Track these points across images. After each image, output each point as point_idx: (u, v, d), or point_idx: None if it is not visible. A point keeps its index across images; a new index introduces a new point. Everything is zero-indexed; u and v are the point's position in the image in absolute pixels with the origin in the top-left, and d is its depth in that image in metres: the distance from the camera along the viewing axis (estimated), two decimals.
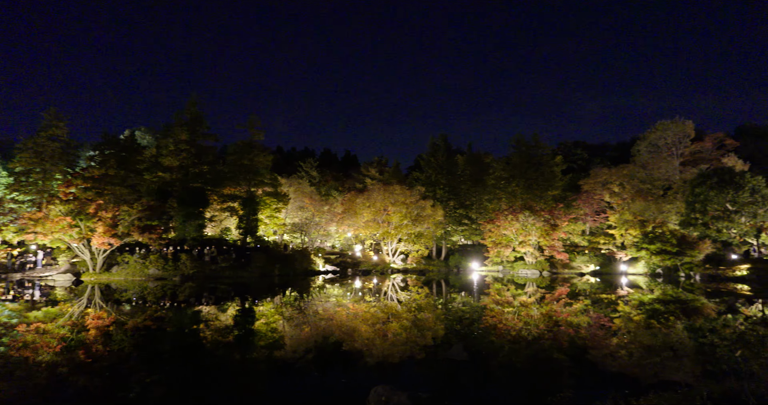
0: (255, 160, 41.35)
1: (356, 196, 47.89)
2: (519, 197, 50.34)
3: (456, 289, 28.91)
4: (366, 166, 67.66)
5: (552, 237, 43.30)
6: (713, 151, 52.99)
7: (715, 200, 38.73)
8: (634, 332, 13.39)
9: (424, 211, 45.84)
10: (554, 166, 53.80)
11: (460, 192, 55.16)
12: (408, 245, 46.67)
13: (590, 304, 20.53)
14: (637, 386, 7.04)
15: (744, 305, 20.62)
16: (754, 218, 38.14)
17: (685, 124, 52.31)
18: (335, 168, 77.82)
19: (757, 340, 12.07)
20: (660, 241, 39.86)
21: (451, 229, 53.99)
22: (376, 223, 45.22)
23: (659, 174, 50.50)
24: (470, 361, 9.80)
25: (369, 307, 18.42)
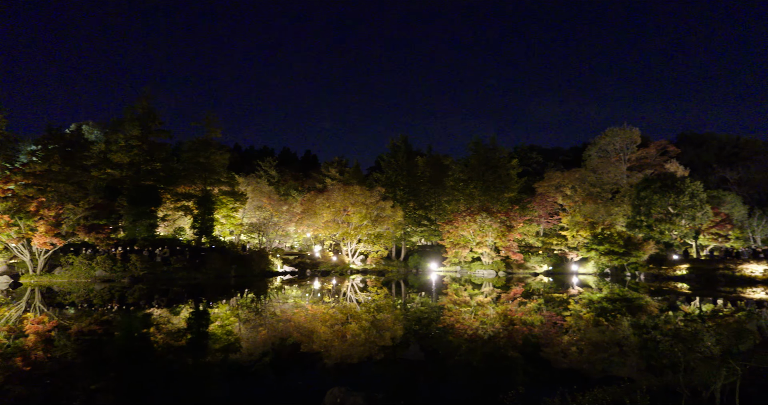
0: (211, 158, 40.20)
1: (316, 196, 47.48)
2: (477, 199, 51.41)
3: (415, 289, 29.16)
4: (326, 166, 67.26)
5: (508, 238, 44.47)
6: (657, 157, 55.98)
7: (658, 204, 40.96)
8: (584, 330, 13.93)
9: (384, 212, 46.01)
10: (510, 169, 55.26)
11: (420, 193, 55.76)
12: (368, 246, 46.68)
13: (543, 303, 21.21)
14: (585, 381, 7.32)
15: (683, 303, 21.90)
16: (693, 221, 40.60)
17: (632, 131, 55.00)
18: (295, 167, 76.90)
19: (692, 336, 12.83)
20: (608, 242, 41.75)
21: (410, 229, 54.44)
22: (336, 224, 44.97)
23: (608, 178, 52.85)
24: (427, 361, 9.90)
25: (328, 309, 18.28)
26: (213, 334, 12.95)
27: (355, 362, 9.79)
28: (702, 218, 40.66)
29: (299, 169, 75.78)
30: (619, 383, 4.20)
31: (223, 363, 9.79)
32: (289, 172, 69.39)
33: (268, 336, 12.74)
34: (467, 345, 11.50)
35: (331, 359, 9.87)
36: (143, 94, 39.61)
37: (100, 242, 30.01)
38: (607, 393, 3.93)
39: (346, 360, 9.90)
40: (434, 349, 11.15)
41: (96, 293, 23.31)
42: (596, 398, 3.79)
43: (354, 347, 11.16)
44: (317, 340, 11.98)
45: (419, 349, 10.93)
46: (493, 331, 13.27)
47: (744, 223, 46.30)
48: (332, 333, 12.93)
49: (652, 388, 4.14)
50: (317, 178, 66.03)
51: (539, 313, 17.29)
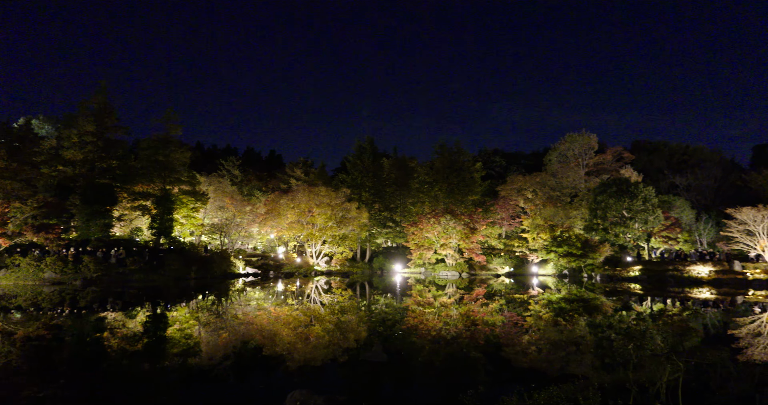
0: (171, 157, 39.01)
1: (280, 196, 46.86)
2: (441, 201, 52.09)
3: (379, 291, 29.22)
4: (291, 167, 66.48)
5: (471, 240, 45.26)
6: (613, 162, 58.26)
7: (614, 207, 42.66)
8: (543, 330, 14.34)
9: (349, 213, 45.90)
10: (474, 172, 56.27)
11: (385, 195, 56.00)
12: (332, 247, 46.43)
13: (505, 303, 21.69)
14: (543, 379, 7.55)
15: (635, 303, 22.88)
16: (646, 224, 42.50)
17: (590, 137, 57.04)
18: (259, 167, 75.69)
19: (642, 335, 13.43)
20: (567, 245, 43.14)
21: (375, 231, 54.54)
22: (301, 225, 44.51)
23: (567, 182, 54.60)
24: (390, 362, 9.94)
25: (291, 311, 18.07)
26: (171, 338, 12.57)
27: (318, 364, 9.73)
28: (654, 222, 42.63)
29: (263, 169, 74.61)
30: (573, 381, 4.37)
31: (182, 367, 9.52)
32: (253, 172, 68.22)
33: (229, 339, 12.48)
34: (431, 346, 11.62)
35: (293, 362, 9.77)
36: (99, 88, 38.04)
37: (49, 243, 28.59)
38: (562, 390, 4.08)
39: (310, 362, 9.82)
40: (398, 350, 11.21)
41: (45, 296, 22.18)
42: (551, 396, 3.93)
43: (317, 349, 11.09)
44: (280, 342, 11.83)
45: (383, 350, 10.97)
46: (456, 332, 13.46)
47: (692, 227, 48.85)
48: (295, 335, 12.79)
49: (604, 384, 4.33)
50: (282, 179, 65.18)
51: (501, 314, 17.67)
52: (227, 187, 46.90)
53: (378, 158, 59.91)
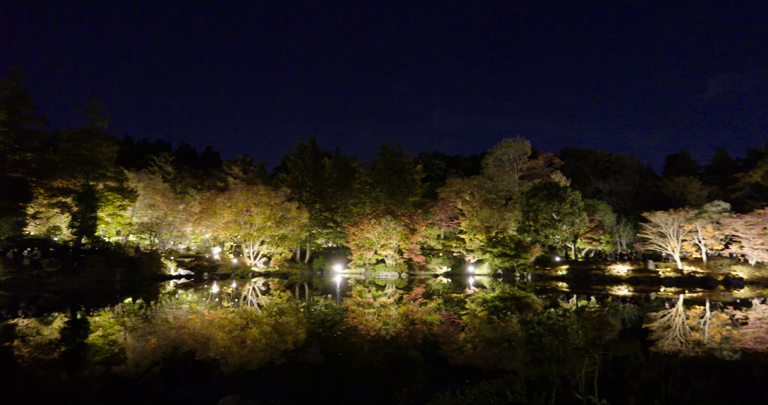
0: (96, 150, 36.42)
1: (216, 195, 45.20)
2: (382, 202, 52.55)
3: (319, 291, 28.96)
4: (229, 164, 64.31)
5: (411, 241, 46.01)
6: (544, 167, 61.48)
7: (544, 210, 45.03)
8: (478, 327, 14.86)
9: (289, 213, 45.15)
10: (415, 174, 57.28)
11: (327, 195, 55.65)
12: (271, 248, 45.44)
13: (442, 303, 22.24)
14: (476, 376, 7.83)
15: (563, 300, 24.27)
16: (573, 226, 45.22)
17: (524, 143, 59.85)
18: (194, 164, 72.61)
19: (566, 330, 14.29)
20: (501, 245, 45.00)
21: (315, 231, 54.03)
22: (238, 225, 43.19)
23: (503, 185, 56.94)
24: (327, 364, 9.90)
25: (226, 313, 17.49)
26: (92, 345, 11.76)
27: (253, 368, 9.50)
28: (580, 224, 45.45)
29: (199, 166, 71.66)
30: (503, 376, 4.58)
31: (105, 376, 8.93)
32: (188, 169, 65.36)
33: (157, 345, 11.87)
34: (369, 346, 11.69)
35: (228, 366, 9.47)
36: (12, 73, 34.78)
37: None
38: (492, 385, 4.27)
39: (245, 366, 9.57)
40: (336, 352, 11.18)
41: None
42: (482, 391, 4.11)
43: (253, 353, 10.82)
44: (214, 346, 11.42)
45: (321, 352, 10.89)
46: (394, 332, 13.63)
47: (613, 229, 52.57)
48: (230, 339, 12.40)
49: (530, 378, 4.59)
50: (219, 177, 62.90)
51: (438, 313, 18.11)
52: (159, 184, 44.57)
53: (319, 158, 59.44)
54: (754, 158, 64.46)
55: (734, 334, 13.80)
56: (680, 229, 40.77)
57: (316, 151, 58.65)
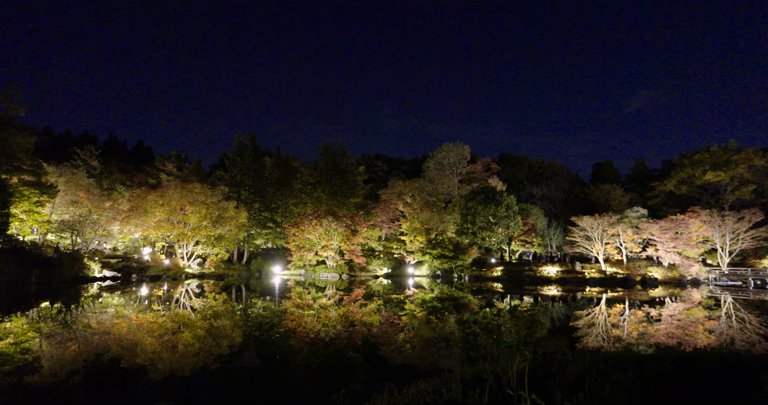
0: (10, 141, 33.39)
1: (148, 192, 42.82)
2: (324, 203, 52.16)
3: (257, 293, 28.23)
4: (162, 160, 61.17)
5: (352, 242, 45.97)
6: (483, 172, 63.77)
7: (482, 213, 46.64)
8: (417, 328, 15.11)
9: (227, 213, 43.67)
10: (357, 176, 57.36)
11: (267, 195, 54.39)
12: (207, 248, 43.71)
13: (382, 304, 22.40)
14: (414, 375, 7.96)
15: (498, 300, 25.24)
16: (508, 229, 47.16)
17: (463, 148, 61.77)
18: (124, 159, 68.39)
19: (500, 329, 14.89)
20: (440, 247, 46.06)
21: (254, 232, 52.65)
22: (171, 224, 41.16)
23: (443, 189, 58.40)
24: (265, 367, 9.68)
25: (156, 317, 16.60)
26: (2, 354, 10.75)
27: (185, 374, 9.09)
28: (514, 227, 47.49)
29: (129, 162, 67.57)
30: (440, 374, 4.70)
31: (16, 387, 8.20)
32: (116, 164, 61.45)
33: (79, 352, 11.05)
34: (308, 348, 11.55)
35: (157, 373, 9.00)
36: None
37: None
38: (428, 384, 4.37)
39: (176, 372, 9.13)
40: (273, 355, 10.94)
41: None
42: (419, 390, 4.19)
43: (185, 358, 10.36)
44: (142, 352, 10.81)
45: (257, 355, 10.63)
46: (334, 333, 13.56)
47: (545, 232, 55.42)
48: (160, 344, 11.79)
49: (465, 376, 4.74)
50: (151, 173, 59.65)
51: (378, 314, 18.22)
52: (83, 180, 41.57)
53: (260, 156, 58.01)
54: (669, 168, 70.44)
55: (649, 330, 14.99)
56: (604, 233, 43.70)
57: (256, 149, 57.18)
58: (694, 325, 16.04)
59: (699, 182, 59.90)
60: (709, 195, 59.91)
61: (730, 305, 23.25)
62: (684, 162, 63.18)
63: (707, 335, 13.88)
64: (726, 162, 57.98)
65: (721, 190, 58.59)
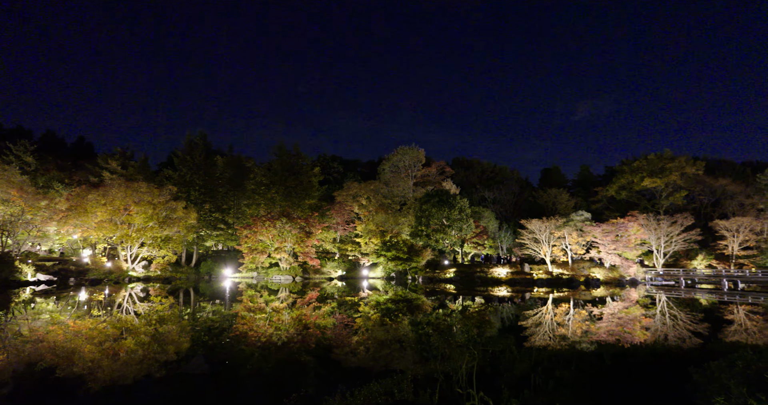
0: None
1: (89, 191, 40.55)
2: (278, 204, 51.29)
3: (206, 297, 27.35)
4: (105, 158, 58.07)
5: (306, 244, 45.45)
6: (437, 175, 64.78)
7: (436, 216, 47.36)
8: (371, 329, 15.14)
9: (175, 213, 42.08)
10: (312, 177, 56.81)
11: (218, 195, 52.83)
12: (153, 250, 41.92)
13: (336, 306, 22.28)
14: (368, 377, 7.97)
15: (450, 301, 25.70)
16: (461, 231, 48.15)
17: (419, 151, 62.52)
18: (62, 155, 64.50)
19: (451, 329, 15.19)
20: (395, 249, 46.38)
21: (204, 233, 51.00)
22: (114, 224, 39.17)
23: (398, 191, 58.83)
24: (212, 373, 9.40)
25: (96, 323, 15.73)
26: None
27: (128, 383, 8.67)
28: (467, 229, 48.55)
29: (68, 158, 63.73)
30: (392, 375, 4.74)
31: None
32: (54, 161, 57.81)
33: (7, 362, 10.30)
34: (260, 352, 11.32)
35: (97, 382, 8.53)
36: None
37: None
38: (381, 385, 4.40)
39: (118, 381, 8.69)
40: (223, 360, 10.64)
41: None
42: (371, 391, 4.22)
43: (128, 366, 9.88)
44: (80, 361, 10.21)
45: (205, 361, 10.30)
46: (287, 337, 13.36)
47: (496, 235, 56.96)
48: (100, 352, 11.19)
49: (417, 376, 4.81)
50: (92, 171, 56.49)
51: (332, 317, 18.11)
52: (15, 177, 38.79)
53: (211, 155, 56.31)
54: (611, 175, 74.38)
55: (592, 328, 15.74)
56: (551, 236, 45.51)
57: (207, 147, 55.45)
58: (631, 323, 17.00)
59: (637, 188, 63.64)
60: (647, 200, 63.75)
61: (664, 304, 24.82)
62: (624, 169, 66.94)
63: (643, 332, 14.74)
64: (661, 169, 61.95)
65: (657, 196, 62.49)
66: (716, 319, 19.36)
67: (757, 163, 76.07)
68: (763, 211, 52.14)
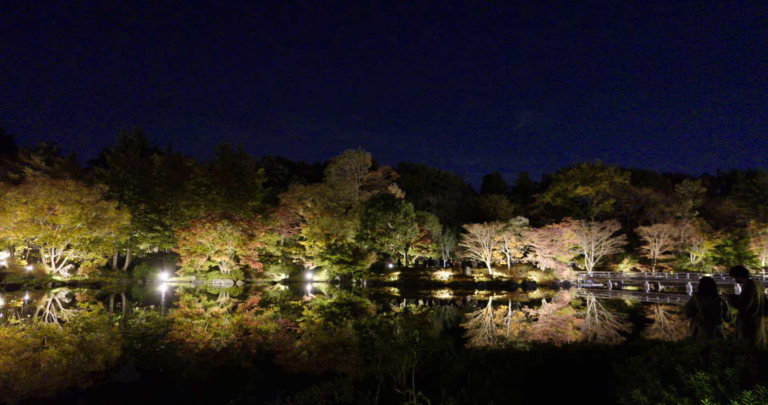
0: None
1: (8, 188, 37.32)
2: (219, 205, 49.64)
3: (139, 302, 25.98)
4: (28, 152, 53.72)
5: (249, 247, 44.29)
6: (383, 179, 65.34)
7: (381, 219, 47.72)
8: (315, 334, 15.01)
9: (106, 214, 39.65)
10: (256, 178, 55.52)
11: (154, 195, 50.35)
12: (80, 253, 39.25)
13: (279, 310, 21.89)
14: (310, 381, 7.92)
15: (394, 304, 25.97)
16: (405, 235, 48.79)
17: (365, 154, 62.83)
18: None
19: (393, 331, 15.38)
20: (340, 253, 46.25)
21: (139, 235, 48.43)
22: (36, 225, 36.31)
23: (344, 194, 58.77)
24: (146, 382, 8.97)
25: (12, 332, 14.52)
26: None
27: (50, 396, 8.08)
28: (411, 233, 49.27)
29: None
30: (334, 379, 4.76)
31: None
32: None
33: None
34: (197, 359, 10.91)
35: (14, 396, 7.89)
36: None
37: None
38: (321, 389, 4.41)
39: (39, 393, 8.08)
40: (157, 368, 10.17)
41: None
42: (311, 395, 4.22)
43: (50, 377, 9.20)
44: None
45: (137, 369, 9.80)
46: (227, 343, 12.97)
47: (439, 239, 58.20)
48: (17, 363, 10.34)
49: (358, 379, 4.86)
50: (12, 166, 52.04)
51: (275, 321, 17.78)
52: None
53: (148, 153, 53.69)
54: (547, 182, 78.23)
55: (527, 328, 16.48)
56: (492, 240, 47.15)
57: (143, 145, 52.81)
58: (564, 323, 17.96)
59: (571, 195, 67.38)
60: (579, 207, 67.60)
61: (593, 305, 26.41)
62: (560, 177, 70.68)
63: (574, 331, 15.63)
64: (593, 178, 65.96)
65: (589, 203, 66.45)
66: (639, 318, 20.89)
67: (676, 174, 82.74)
68: (680, 218, 56.83)
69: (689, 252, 52.21)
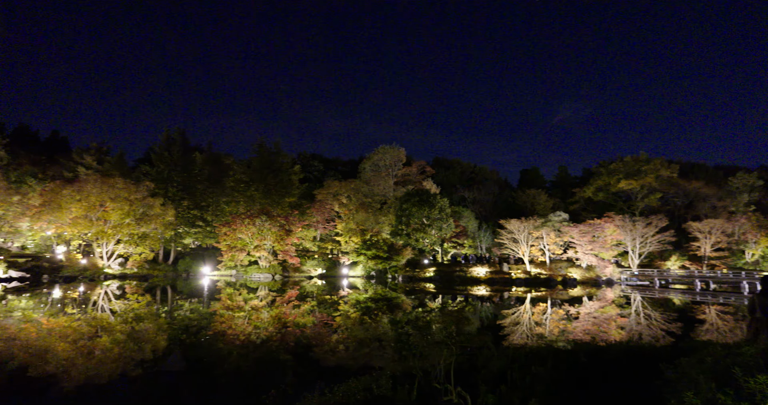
0: None
1: (63, 186, 39.53)
2: (257, 202, 50.85)
3: (184, 295, 26.99)
4: (80, 152, 56.75)
5: (286, 242, 45.17)
6: (417, 175, 65.07)
7: (416, 215, 47.59)
8: (351, 328, 15.17)
9: (152, 210, 41.36)
10: (293, 175, 56.46)
11: (196, 192, 52.09)
12: (129, 247, 41.12)
13: (316, 305, 22.24)
14: (347, 374, 8.01)
15: (429, 300, 25.89)
16: (441, 231, 48.48)
17: (399, 150, 62.69)
18: (35, 150, 62.81)
19: (431, 327, 15.34)
20: (375, 248, 46.45)
21: (182, 230, 50.25)
22: (89, 221, 38.29)
23: (379, 190, 58.92)
24: (189, 371, 9.32)
25: (70, 321, 15.39)
26: None
27: (103, 382, 8.53)
28: (447, 229, 48.90)
29: (42, 153, 62.11)
30: (371, 372, 4.80)
31: None
32: (27, 155, 56.27)
33: None
34: (238, 351, 11.25)
35: (71, 381, 8.37)
36: None
37: None
38: (359, 382, 4.46)
39: (92, 379, 8.55)
40: (201, 358, 10.55)
41: None
42: (350, 388, 4.27)
43: (104, 364, 9.71)
44: (54, 360, 9.99)
45: (182, 359, 10.20)
46: (266, 335, 13.29)
47: (475, 234, 57.50)
48: (75, 350, 10.97)
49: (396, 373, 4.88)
50: (67, 166, 55.12)
51: (312, 315, 18.08)
52: None
53: (189, 152, 55.49)
54: (588, 176, 75.82)
55: (568, 327, 16.07)
56: (529, 236, 46.17)
57: (185, 143, 54.61)
58: (607, 322, 17.41)
59: (614, 189, 65.02)
60: (623, 201, 65.17)
61: (638, 303, 25.46)
62: (601, 170, 68.29)
63: (618, 331, 15.13)
64: (637, 171, 63.39)
65: (633, 197, 63.95)
66: (689, 318, 19.98)
67: (729, 167, 78.47)
68: (734, 213, 53.88)
69: (744, 249, 49.39)
